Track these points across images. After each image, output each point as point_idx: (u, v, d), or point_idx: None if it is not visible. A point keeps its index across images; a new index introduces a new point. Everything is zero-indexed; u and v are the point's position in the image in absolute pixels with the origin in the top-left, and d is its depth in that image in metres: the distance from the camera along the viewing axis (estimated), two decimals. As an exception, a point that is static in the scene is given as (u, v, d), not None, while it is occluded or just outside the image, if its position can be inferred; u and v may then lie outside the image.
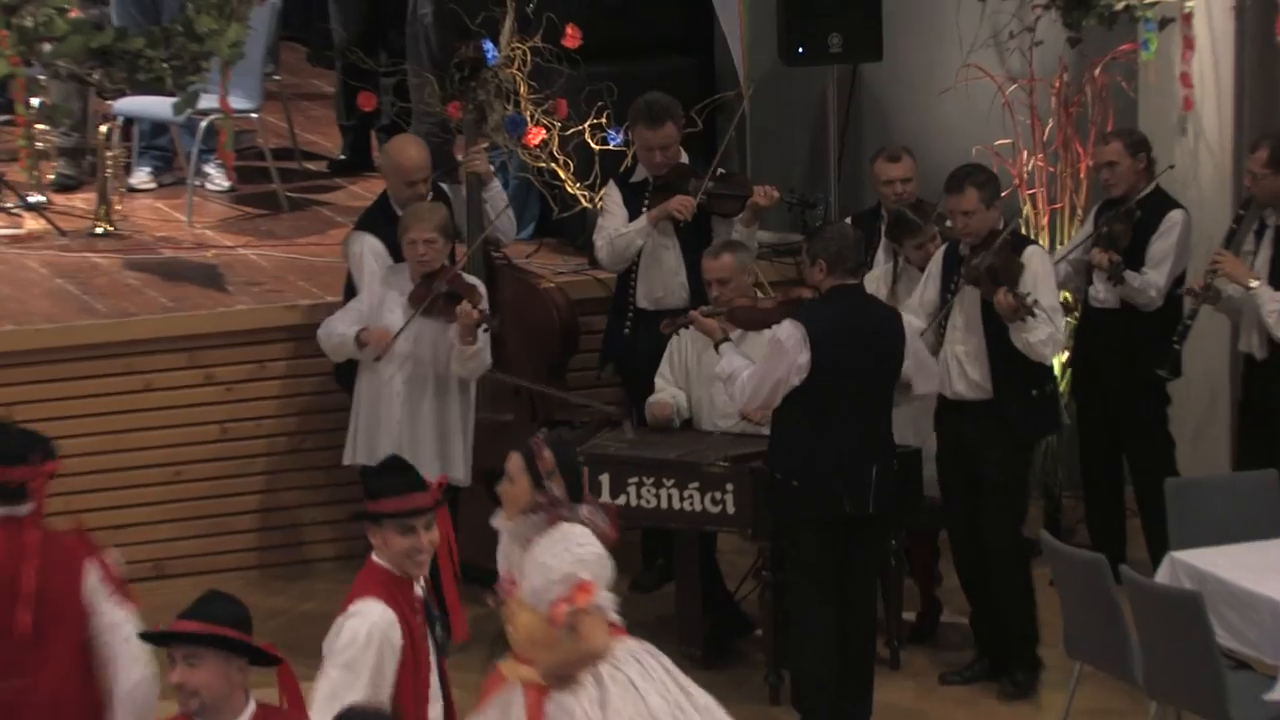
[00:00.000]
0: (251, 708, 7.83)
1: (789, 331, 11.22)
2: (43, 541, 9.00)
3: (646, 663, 9.77)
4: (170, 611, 7.92)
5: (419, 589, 8.62)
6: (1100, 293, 12.47)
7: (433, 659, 8.70)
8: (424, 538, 8.46)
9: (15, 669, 8.85)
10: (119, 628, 9.02)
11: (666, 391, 12.31)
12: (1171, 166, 12.89)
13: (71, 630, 9.01)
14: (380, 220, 12.68)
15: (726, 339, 11.73)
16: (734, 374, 11.50)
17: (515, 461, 9.50)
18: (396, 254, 12.48)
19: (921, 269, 12.19)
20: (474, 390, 12.52)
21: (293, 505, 13.69)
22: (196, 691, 7.66)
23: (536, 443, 9.60)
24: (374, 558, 8.56)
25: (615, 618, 9.57)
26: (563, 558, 9.35)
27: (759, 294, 12.09)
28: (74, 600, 8.91)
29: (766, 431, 11.67)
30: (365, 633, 8.33)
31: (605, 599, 9.39)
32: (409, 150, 12.79)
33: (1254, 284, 11.90)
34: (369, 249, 12.58)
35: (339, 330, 12.36)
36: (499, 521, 9.84)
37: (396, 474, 8.67)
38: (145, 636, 8.42)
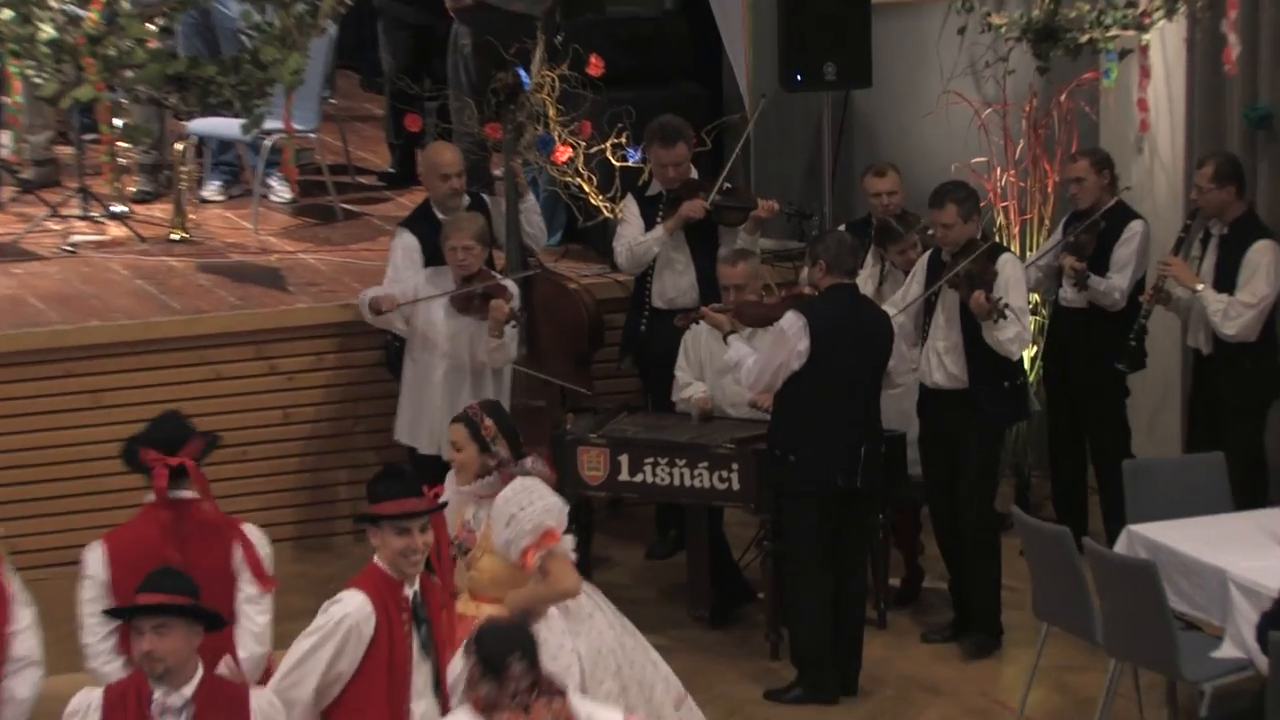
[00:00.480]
0: (200, 673, 8.09)
1: (791, 321, 11.34)
2: (203, 520, 9.17)
3: (595, 597, 9.98)
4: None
5: (409, 590, 8.70)
6: (1068, 294, 12.54)
7: (418, 657, 8.77)
8: (418, 539, 8.58)
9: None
10: (253, 602, 9.20)
11: (695, 386, 12.34)
12: (1128, 188, 12.91)
13: (225, 601, 9.08)
14: (419, 221, 12.79)
15: (734, 331, 11.80)
16: (740, 360, 11.60)
17: (459, 431, 9.74)
18: (432, 252, 12.54)
19: (905, 272, 12.28)
20: (508, 379, 12.55)
21: (345, 481, 13.68)
22: (164, 658, 7.91)
23: (475, 412, 9.82)
24: (375, 559, 8.68)
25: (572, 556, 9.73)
26: (529, 510, 9.45)
27: (764, 294, 12.09)
28: (226, 573, 9.04)
29: (768, 417, 11.79)
30: (339, 618, 8.49)
31: (568, 541, 9.54)
32: (444, 151, 12.92)
33: (1199, 287, 11.98)
34: (401, 243, 12.75)
35: (360, 298, 12.71)
36: (452, 487, 9.91)
37: (396, 481, 8.77)
38: (112, 613, 8.58)
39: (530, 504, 9.55)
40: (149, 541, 9.04)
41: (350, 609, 8.52)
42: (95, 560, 8.97)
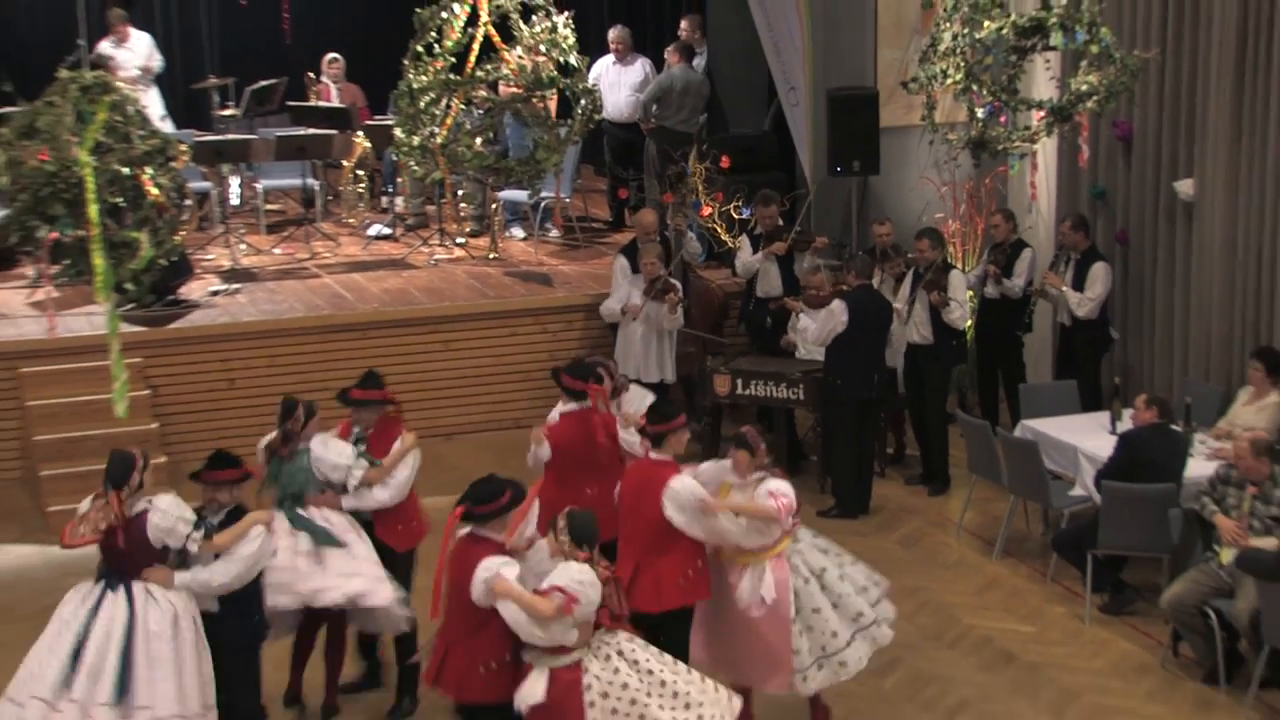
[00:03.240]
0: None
1: (838, 305, 11.36)
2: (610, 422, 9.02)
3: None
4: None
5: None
6: (989, 291, 12.35)
7: None
8: None
9: (604, 472, 8.83)
10: None
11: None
12: (1028, 228, 12.94)
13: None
14: (628, 249, 12.60)
15: (804, 311, 11.75)
16: (806, 328, 11.66)
17: (741, 457, 8.22)
18: (635, 267, 12.40)
19: (896, 279, 12.08)
20: (675, 335, 12.35)
21: None
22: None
23: (752, 436, 8.30)
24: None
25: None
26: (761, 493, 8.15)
27: (820, 289, 11.74)
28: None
29: (820, 359, 11.73)
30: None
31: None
32: (647, 216, 12.71)
33: (1065, 288, 11.92)
34: (618, 266, 12.59)
35: (610, 307, 12.51)
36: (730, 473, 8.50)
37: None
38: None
39: (763, 489, 8.27)
40: (576, 432, 8.99)
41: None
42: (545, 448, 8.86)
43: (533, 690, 7.36)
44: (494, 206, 14.96)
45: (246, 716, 8.13)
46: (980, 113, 10.93)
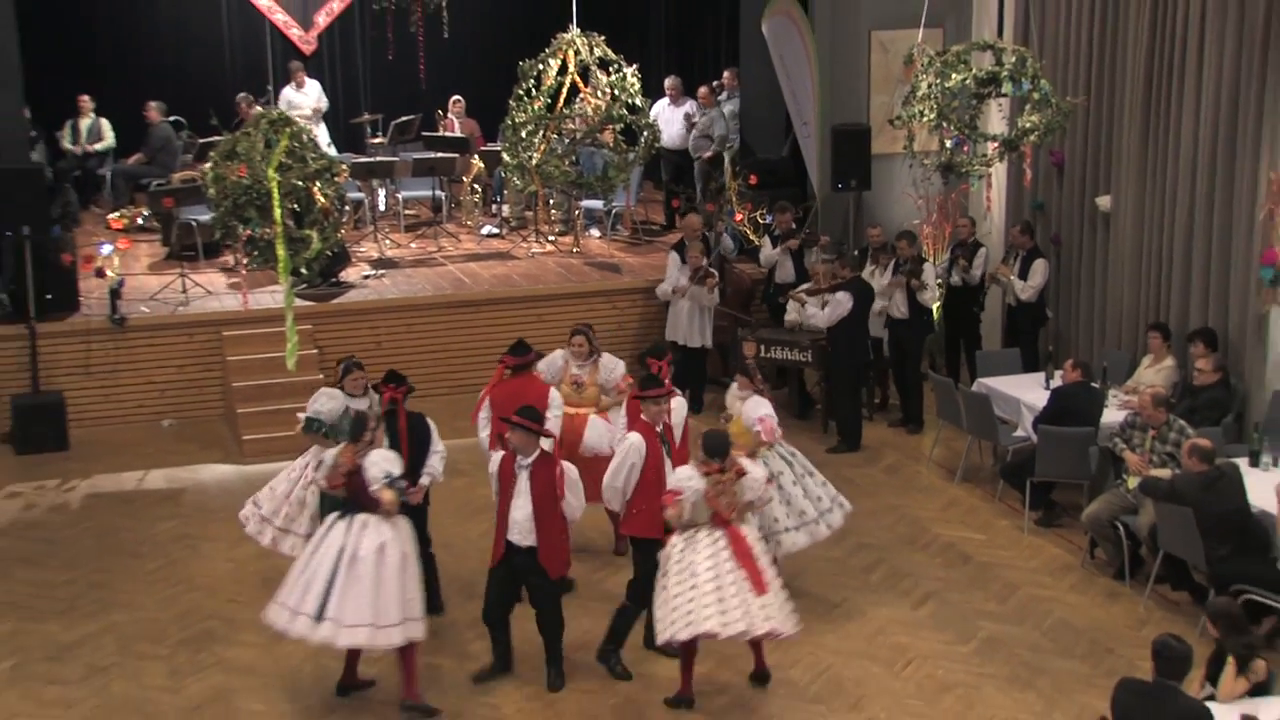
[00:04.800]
0: (536, 452, 7.47)
1: (844, 295, 11.18)
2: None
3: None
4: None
5: (660, 429, 7.91)
6: (955, 279, 12.14)
7: (665, 465, 7.91)
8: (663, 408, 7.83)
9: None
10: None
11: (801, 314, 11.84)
12: (986, 234, 12.64)
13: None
14: (679, 246, 12.34)
15: (808, 301, 11.60)
16: (816, 314, 11.51)
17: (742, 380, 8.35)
18: (683, 259, 12.18)
19: (883, 271, 11.88)
20: (712, 312, 12.13)
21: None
22: (517, 446, 7.44)
23: (752, 368, 8.42)
24: (641, 415, 7.94)
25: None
26: (756, 409, 8.33)
27: (824, 280, 11.55)
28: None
29: (823, 326, 11.41)
30: (631, 442, 7.85)
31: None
32: (692, 220, 12.50)
33: (1013, 277, 11.77)
34: (671, 258, 12.33)
35: (664, 289, 12.29)
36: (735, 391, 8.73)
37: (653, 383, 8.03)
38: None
39: (757, 407, 8.44)
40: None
41: (633, 440, 7.86)
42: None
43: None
44: (576, 212, 14.89)
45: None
46: (949, 143, 10.84)
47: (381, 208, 15.50)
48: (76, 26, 15.93)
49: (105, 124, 15.47)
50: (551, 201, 14.84)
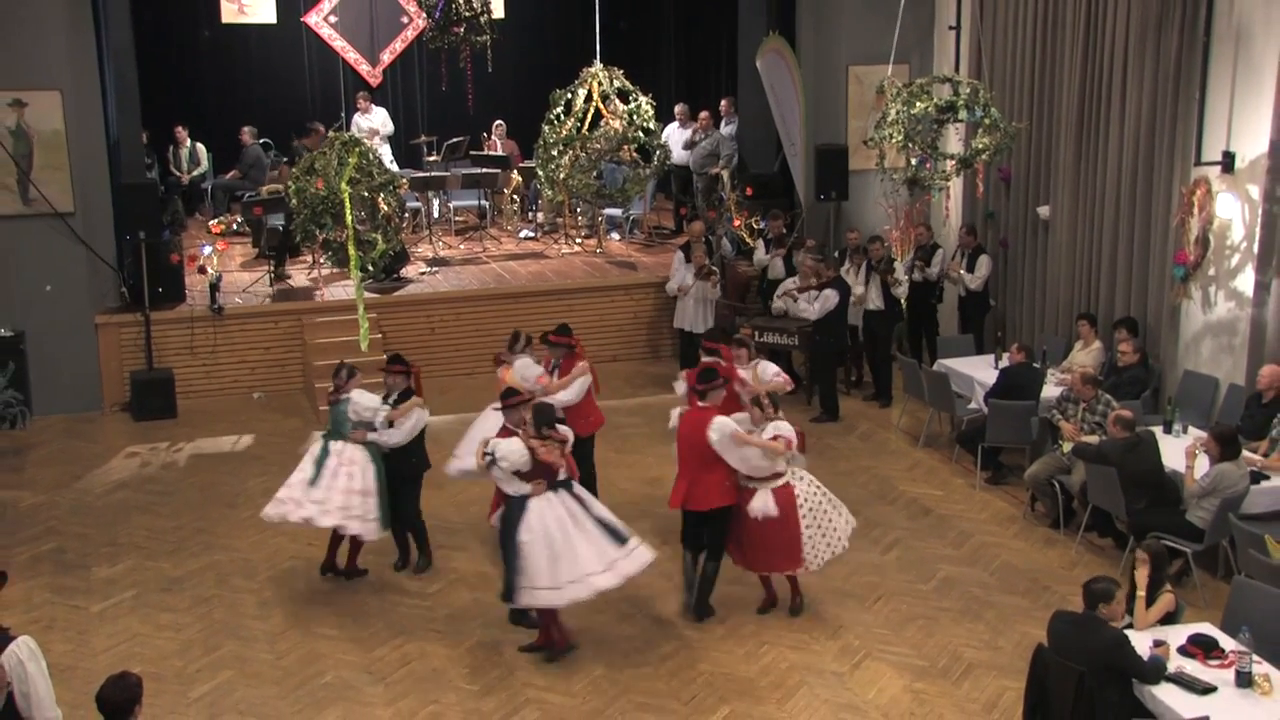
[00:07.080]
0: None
1: (832, 292, 11.14)
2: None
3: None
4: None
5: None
6: (917, 276, 11.97)
7: None
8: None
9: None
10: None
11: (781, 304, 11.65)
12: (943, 238, 12.46)
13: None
14: (685, 248, 12.24)
15: (797, 298, 11.39)
16: (806, 308, 11.29)
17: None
18: (688, 258, 12.05)
19: (856, 269, 11.80)
20: (714, 303, 12.03)
21: (667, 339, 13.04)
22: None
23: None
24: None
25: None
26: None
27: (810, 274, 11.39)
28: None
29: (813, 318, 11.31)
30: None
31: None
32: (697, 225, 12.48)
33: (963, 272, 11.70)
34: (678, 257, 12.20)
35: (672, 285, 12.16)
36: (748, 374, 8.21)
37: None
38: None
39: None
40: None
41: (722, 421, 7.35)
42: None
43: (765, 504, 7.23)
44: (599, 219, 14.84)
45: (408, 520, 8.27)
46: (914, 161, 10.69)
47: (435, 215, 15.41)
48: (185, 64, 16.25)
49: (201, 149, 15.70)
50: (578, 210, 14.79)
